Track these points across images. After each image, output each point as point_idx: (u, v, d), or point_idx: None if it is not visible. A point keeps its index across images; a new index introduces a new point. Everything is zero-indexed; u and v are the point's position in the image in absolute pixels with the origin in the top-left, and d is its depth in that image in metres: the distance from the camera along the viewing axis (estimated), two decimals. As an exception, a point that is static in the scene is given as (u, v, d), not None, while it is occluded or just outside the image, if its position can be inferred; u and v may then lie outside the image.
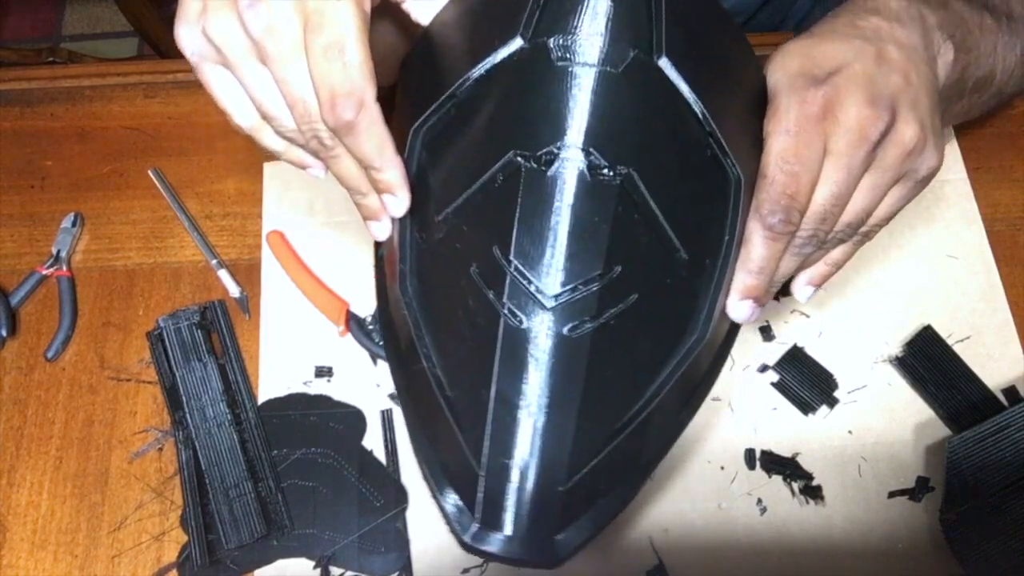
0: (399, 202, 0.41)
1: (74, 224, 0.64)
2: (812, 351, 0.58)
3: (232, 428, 0.56)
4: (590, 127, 0.36)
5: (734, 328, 0.45)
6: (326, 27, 0.36)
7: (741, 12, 0.79)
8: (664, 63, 0.36)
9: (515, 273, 0.36)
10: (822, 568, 0.53)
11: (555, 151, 0.36)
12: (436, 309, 0.41)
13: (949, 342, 0.57)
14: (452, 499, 0.40)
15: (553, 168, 0.36)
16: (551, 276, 0.36)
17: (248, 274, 0.62)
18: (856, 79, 0.39)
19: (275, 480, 0.56)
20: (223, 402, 0.57)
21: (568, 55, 0.36)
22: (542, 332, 0.37)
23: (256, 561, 0.54)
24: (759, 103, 0.40)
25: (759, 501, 0.54)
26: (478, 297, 0.38)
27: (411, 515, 0.55)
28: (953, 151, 0.64)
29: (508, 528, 0.38)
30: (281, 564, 0.54)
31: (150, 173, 0.66)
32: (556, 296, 0.36)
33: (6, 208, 0.66)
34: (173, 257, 0.63)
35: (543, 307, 0.36)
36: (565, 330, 0.37)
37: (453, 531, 0.40)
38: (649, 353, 0.39)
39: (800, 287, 0.44)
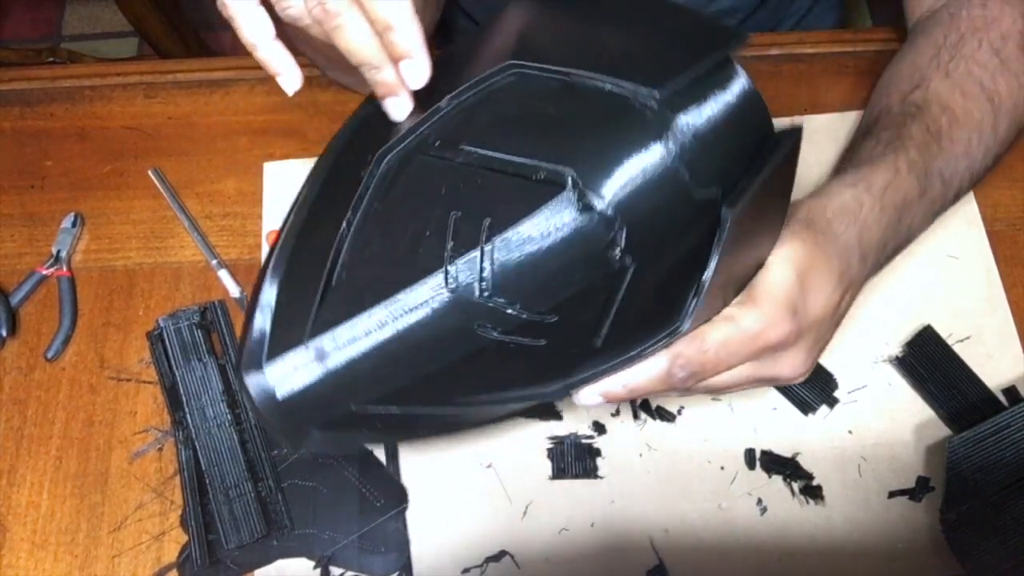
0: (419, 68, 0.38)
1: (74, 224, 0.64)
2: (812, 351, 0.58)
3: (232, 428, 0.56)
4: None
5: None
6: None
7: (739, 11, 0.79)
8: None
9: (480, 252, 0.35)
10: (822, 568, 0.53)
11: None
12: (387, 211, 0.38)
13: (949, 342, 0.57)
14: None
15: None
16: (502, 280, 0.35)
17: (248, 274, 0.62)
18: (811, 329, 0.43)
19: (275, 480, 0.56)
20: (223, 402, 0.57)
21: None
22: (455, 308, 0.35)
23: (256, 561, 0.54)
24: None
25: (759, 501, 0.54)
26: (434, 239, 0.35)
27: (411, 515, 0.55)
28: (953, 151, 0.64)
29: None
30: (281, 564, 0.54)
31: (150, 173, 0.66)
32: (488, 296, 0.35)
33: (6, 208, 0.66)
34: (173, 257, 0.63)
35: (472, 293, 0.35)
36: (475, 324, 0.35)
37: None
38: (511, 376, 0.39)
39: (590, 394, 0.41)
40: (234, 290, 0.61)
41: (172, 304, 0.61)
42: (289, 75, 0.41)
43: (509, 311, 0.35)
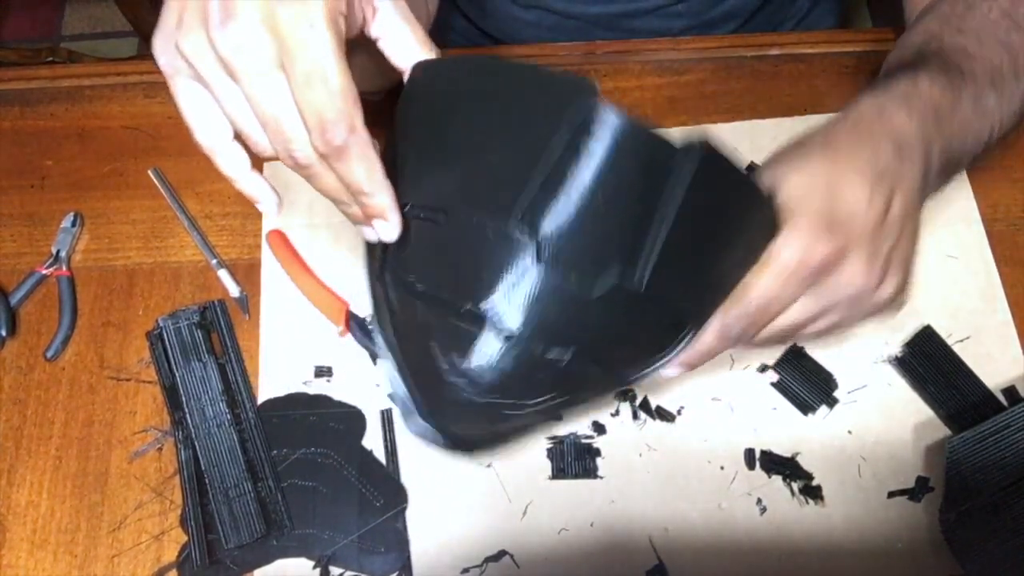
0: (390, 227, 0.39)
1: (74, 224, 0.64)
2: (812, 351, 0.58)
3: (232, 428, 0.56)
4: None
5: None
6: (304, 53, 0.35)
7: (739, 15, 0.79)
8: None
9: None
10: (822, 568, 0.53)
11: None
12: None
13: (949, 342, 0.57)
14: None
15: None
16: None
17: (248, 274, 0.62)
18: (862, 240, 0.41)
19: (275, 480, 0.56)
20: (223, 402, 0.57)
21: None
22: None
23: (256, 561, 0.54)
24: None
25: (759, 501, 0.54)
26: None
27: (411, 515, 0.55)
28: (953, 151, 0.64)
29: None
30: (281, 564, 0.54)
31: (150, 173, 0.66)
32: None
33: (6, 208, 0.66)
34: (173, 257, 0.63)
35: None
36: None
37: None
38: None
39: (673, 367, 0.42)
40: (234, 290, 0.61)
41: (172, 304, 0.61)
42: (267, 201, 0.43)
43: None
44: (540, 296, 0.36)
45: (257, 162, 0.42)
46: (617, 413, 0.57)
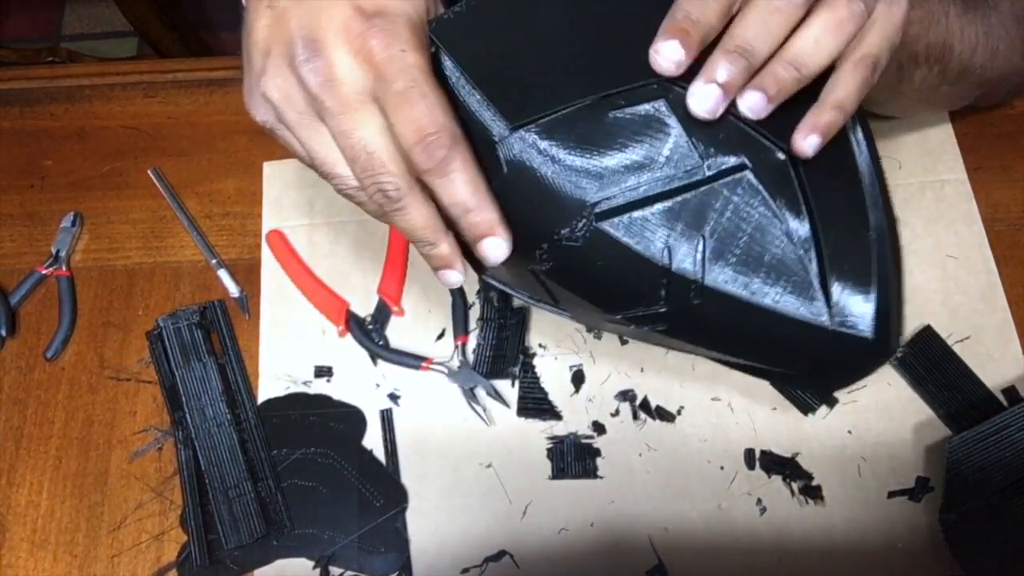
0: (499, 244, 0.38)
1: (74, 224, 0.64)
2: (812, 351, 0.58)
3: (232, 428, 0.56)
4: None
5: None
6: (401, 75, 0.35)
7: None
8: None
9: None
10: (822, 568, 0.53)
11: None
12: None
13: (949, 342, 0.57)
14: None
15: None
16: None
17: (248, 274, 0.62)
18: None
19: (275, 480, 0.56)
20: (223, 402, 0.57)
21: None
22: None
23: (256, 561, 0.54)
24: None
25: (759, 501, 0.54)
26: None
27: (411, 515, 0.55)
28: (953, 151, 0.64)
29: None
30: (281, 564, 0.54)
31: (150, 173, 0.66)
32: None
33: (6, 208, 0.66)
34: (173, 257, 0.63)
35: None
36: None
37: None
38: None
39: (803, 135, 0.39)
40: (234, 290, 0.61)
41: (172, 304, 0.61)
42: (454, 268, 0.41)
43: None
44: None
45: (256, 162, 0.42)
46: (617, 413, 0.57)
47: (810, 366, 0.46)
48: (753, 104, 0.37)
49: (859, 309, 0.42)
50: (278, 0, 0.38)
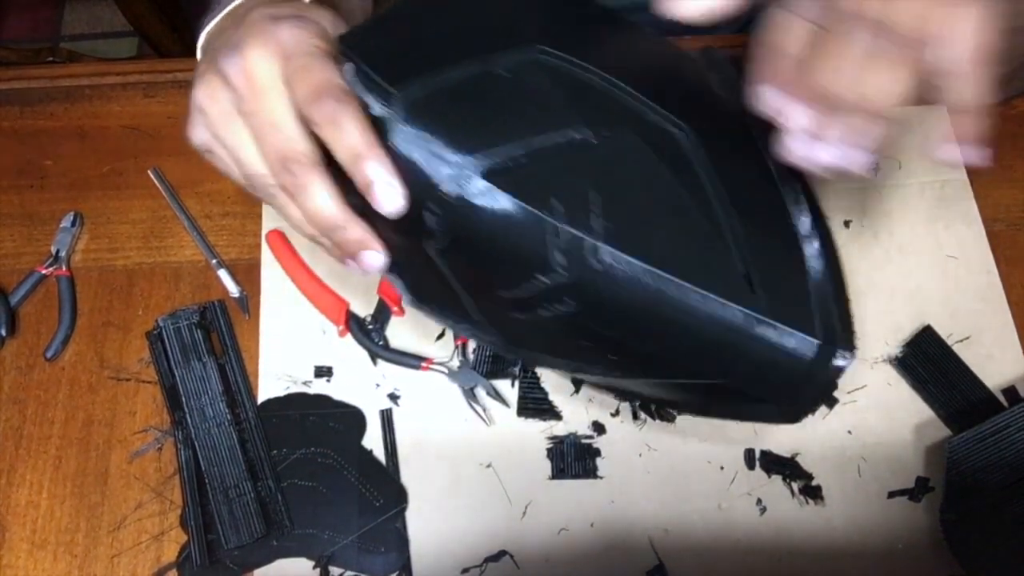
0: (393, 191, 0.38)
1: (73, 224, 0.64)
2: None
3: (232, 428, 0.56)
4: None
5: None
6: (304, 53, 0.39)
7: (738, 16, 0.79)
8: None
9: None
10: (822, 568, 0.53)
11: None
12: None
13: (949, 342, 0.57)
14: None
15: None
16: None
17: (248, 274, 0.62)
18: None
19: (275, 480, 0.56)
20: (223, 402, 0.57)
21: None
22: None
23: (256, 561, 0.54)
24: None
25: (759, 501, 0.54)
26: None
27: (411, 515, 0.55)
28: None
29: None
30: (281, 564, 0.54)
31: (150, 173, 0.66)
32: None
33: (6, 208, 0.66)
34: (173, 257, 0.63)
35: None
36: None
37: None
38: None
39: (948, 149, 0.39)
40: (234, 290, 0.61)
41: (172, 304, 0.61)
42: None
43: None
44: None
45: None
46: (617, 413, 0.57)
47: (744, 366, 0.40)
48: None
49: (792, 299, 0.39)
50: (213, 44, 0.44)
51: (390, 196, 0.38)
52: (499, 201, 0.39)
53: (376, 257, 0.40)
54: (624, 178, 0.40)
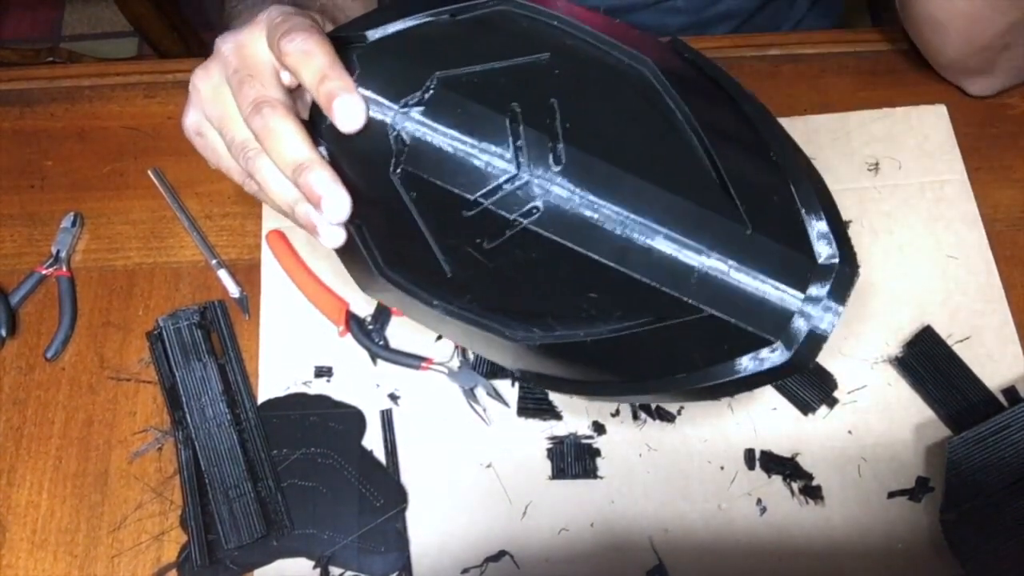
0: (355, 104, 0.39)
1: (74, 224, 0.64)
2: (812, 351, 0.58)
3: (232, 428, 0.56)
4: None
5: None
6: (292, 25, 0.41)
7: (738, 14, 0.79)
8: None
9: None
10: (822, 568, 0.53)
11: None
12: None
13: (949, 342, 0.57)
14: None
15: None
16: None
17: (248, 274, 0.62)
18: None
19: (275, 480, 0.56)
20: (223, 402, 0.57)
21: None
22: None
23: (256, 561, 0.54)
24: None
25: (759, 501, 0.54)
26: None
27: (411, 515, 0.55)
28: (953, 151, 0.64)
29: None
30: (281, 564, 0.54)
31: (150, 173, 0.66)
32: None
33: (6, 208, 0.66)
34: (173, 257, 0.63)
35: None
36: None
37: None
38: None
39: None
40: (234, 290, 0.61)
41: (172, 304, 0.61)
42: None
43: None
44: None
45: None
46: (617, 413, 0.57)
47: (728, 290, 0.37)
48: None
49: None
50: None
51: (352, 110, 0.39)
52: (461, 106, 0.39)
53: (341, 201, 0.40)
54: (588, 95, 0.40)
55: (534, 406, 0.57)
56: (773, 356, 0.38)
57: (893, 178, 0.63)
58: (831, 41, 0.70)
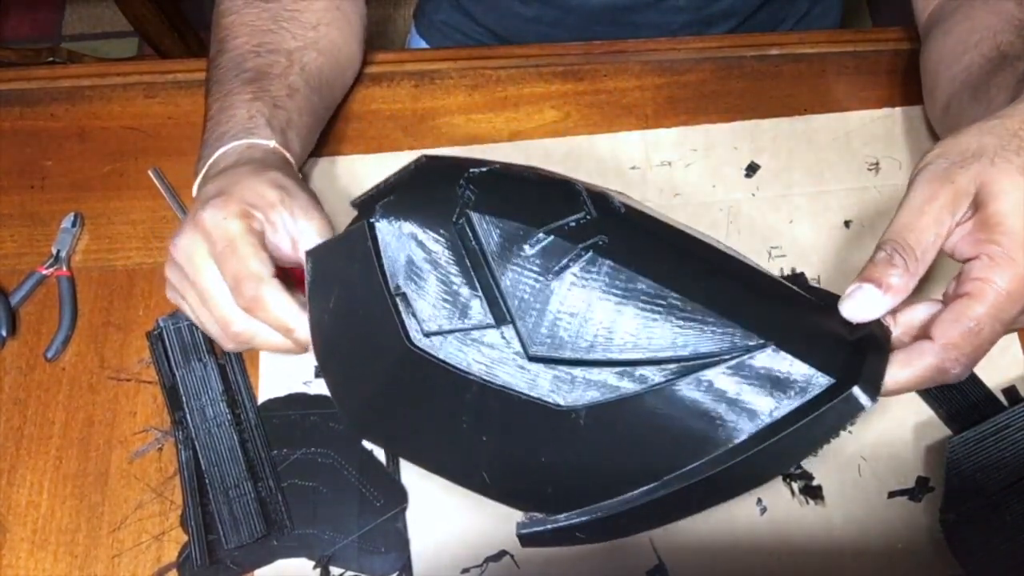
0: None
1: (74, 224, 0.64)
2: (812, 351, 0.58)
3: (232, 428, 0.56)
4: None
5: None
6: (220, 237, 0.48)
7: (738, 13, 0.79)
8: None
9: None
10: (822, 568, 0.53)
11: None
12: None
13: (949, 342, 0.57)
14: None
15: None
16: None
17: (248, 274, 0.62)
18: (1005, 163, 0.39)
19: (275, 480, 0.56)
20: (223, 402, 0.57)
21: None
22: None
23: (256, 561, 0.54)
24: None
25: (759, 501, 0.54)
26: None
27: (411, 515, 0.55)
28: (953, 151, 0.63)
29: None
30: (281, 564, 0.54)
31: (150, 173, 0.66)
32: None
33: (6, 208, 0.66)
34: (173, 257, 0.63)
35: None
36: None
37: None
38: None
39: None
40: (234, 290, 0.61)
41: (172, 304, 0.61)
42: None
43: None
44: None
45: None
46: (617, 413, 0.57)
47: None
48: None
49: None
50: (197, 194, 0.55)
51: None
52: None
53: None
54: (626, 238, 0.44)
55: (534, 406, 0.57)
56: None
57: (893, 178, 0.63)
58: (831, 41, 0.70)
